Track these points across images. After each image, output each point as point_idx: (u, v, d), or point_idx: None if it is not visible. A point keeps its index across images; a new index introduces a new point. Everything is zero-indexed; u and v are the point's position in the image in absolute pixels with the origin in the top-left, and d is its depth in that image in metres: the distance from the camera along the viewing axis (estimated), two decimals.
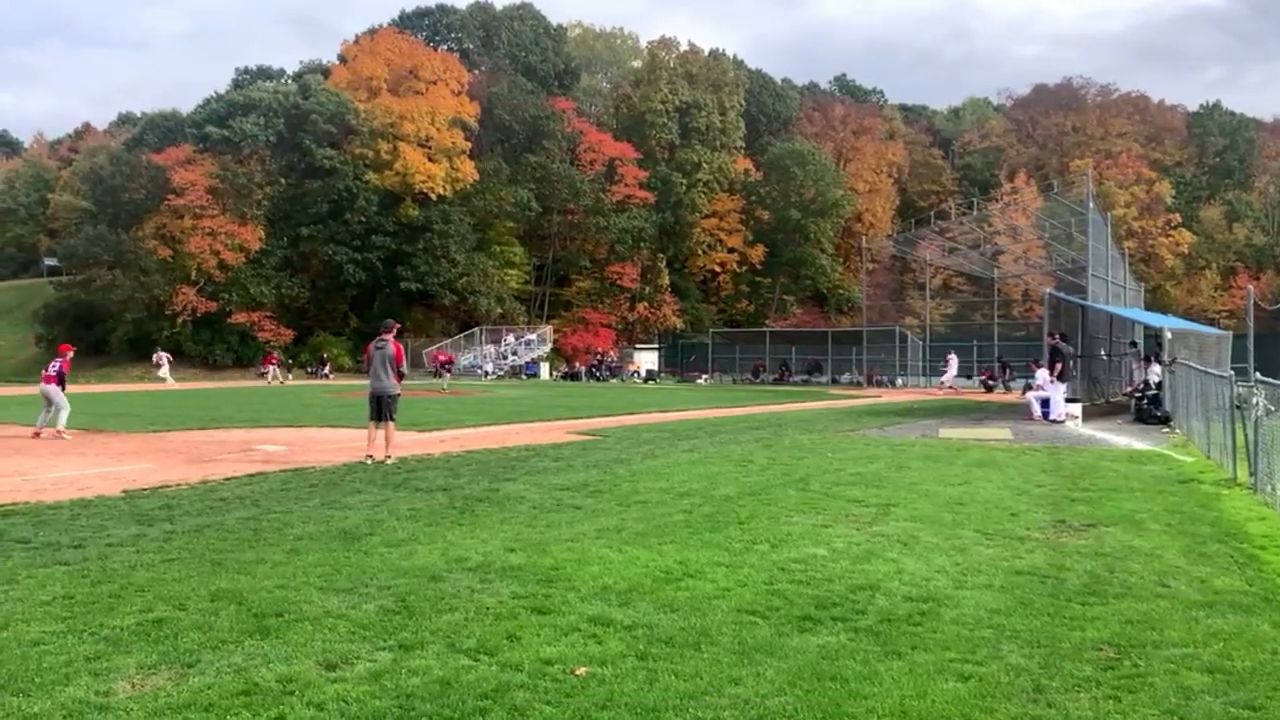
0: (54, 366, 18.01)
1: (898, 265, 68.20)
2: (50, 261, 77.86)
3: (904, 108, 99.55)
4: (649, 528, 8.31)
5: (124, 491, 10.24)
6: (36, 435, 17.09)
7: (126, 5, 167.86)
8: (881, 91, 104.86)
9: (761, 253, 72.53)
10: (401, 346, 13.77)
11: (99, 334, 61.58)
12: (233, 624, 5.27)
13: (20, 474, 12.14)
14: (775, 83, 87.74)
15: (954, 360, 39.67)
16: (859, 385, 44.31)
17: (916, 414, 24.43)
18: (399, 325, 14.59)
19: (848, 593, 6.12)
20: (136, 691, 4.31)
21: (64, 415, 17.36)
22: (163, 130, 66.73)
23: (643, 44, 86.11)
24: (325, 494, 10.16)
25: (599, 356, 57.42)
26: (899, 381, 45.56)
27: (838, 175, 75.86)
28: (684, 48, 78.86)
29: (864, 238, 62.18)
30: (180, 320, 57.38)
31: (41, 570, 6.57)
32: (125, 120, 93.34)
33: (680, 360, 55.67)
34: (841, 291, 76.49)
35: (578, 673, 4.60)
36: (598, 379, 52.73)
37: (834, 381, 46.98)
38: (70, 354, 18.95)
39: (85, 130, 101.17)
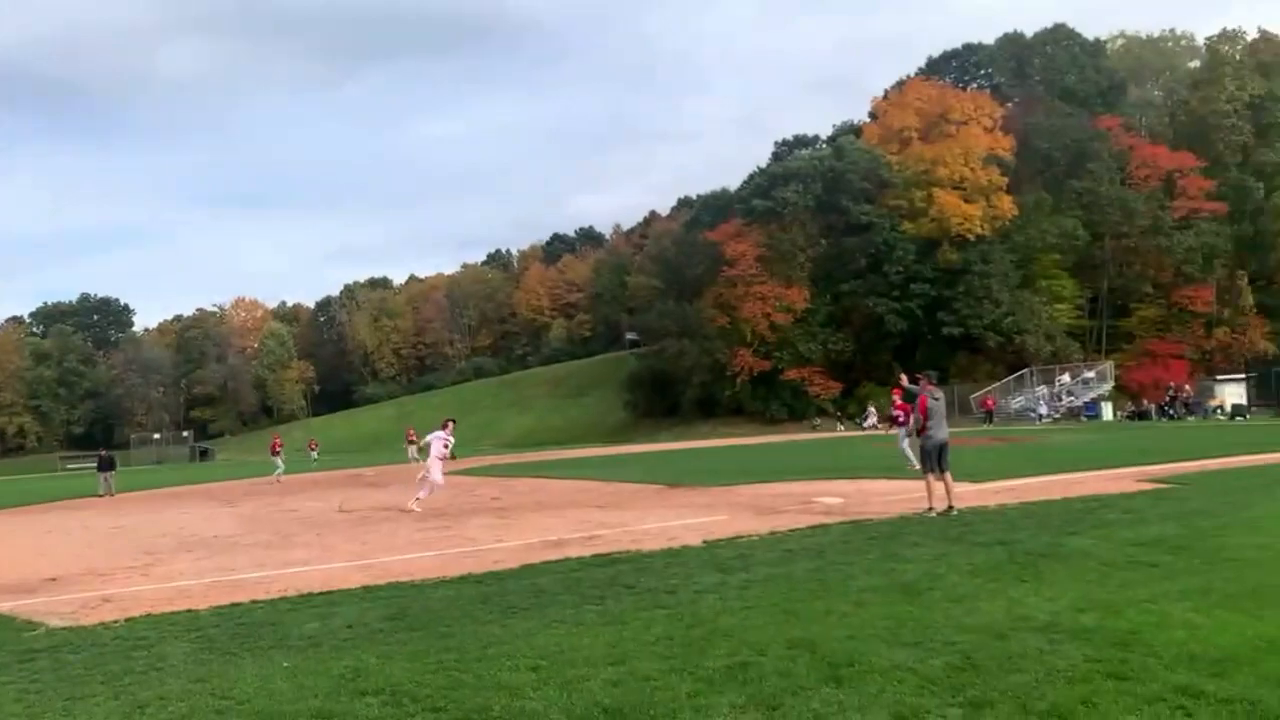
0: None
1: None
2: (631, 336, 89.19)
3: None
4: (1243, 589, 7.37)
5: (704, 541, 11.38)
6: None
7: (682, 104, 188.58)
8: None
9: None
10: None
11: (672, 396, 69.06)
12: (809, 671, 5.63)
13: (622, 525, 14.03)
14: None
15: None
16: None
17: None
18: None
19: None
20: None
21: None
22: (715, 209, 73.64)
23: (1199, 41, 77.37)
24: (884, 546, 10.40)
25: (1172, 392, 51.55)
26: None
27: None
28: (1252, 36, 69.46)
29: None
30: (739, 380, 62.25)
31: (644, 613, 7.55)
32: (683, 204, 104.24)
33: (1276, 391, 48.39)
34: None
35: None
36: (1171, 417, 47.58)
37: None
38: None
39: (651, 218, 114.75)
